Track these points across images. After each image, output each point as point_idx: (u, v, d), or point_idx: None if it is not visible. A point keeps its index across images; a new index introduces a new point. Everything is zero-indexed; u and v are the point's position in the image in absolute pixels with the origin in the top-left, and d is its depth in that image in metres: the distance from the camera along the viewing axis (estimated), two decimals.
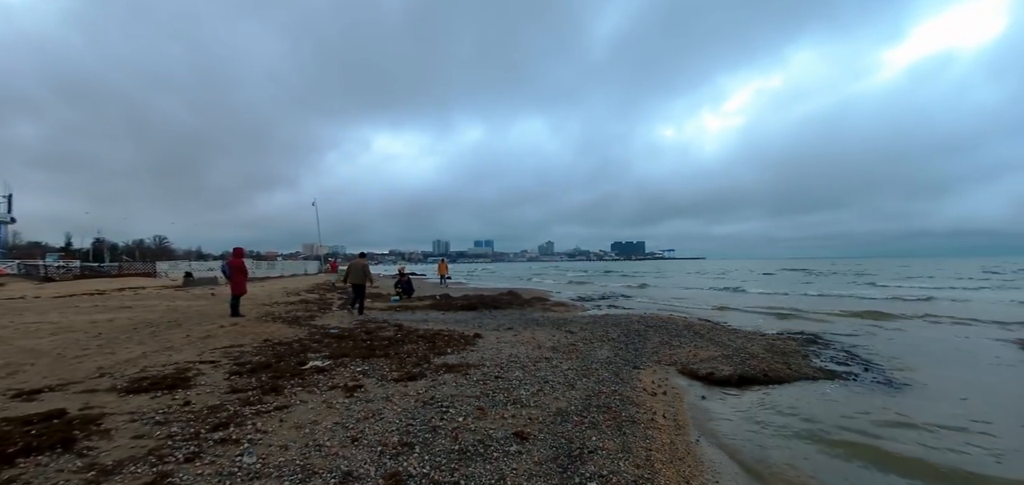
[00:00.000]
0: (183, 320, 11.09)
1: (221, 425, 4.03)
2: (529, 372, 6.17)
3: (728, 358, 7.40)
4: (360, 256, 14.46)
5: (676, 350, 8.08)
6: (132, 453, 3.45)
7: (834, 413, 5.34)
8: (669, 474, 3.53)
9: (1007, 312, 14.82)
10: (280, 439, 3.78)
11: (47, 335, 8.79)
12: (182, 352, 7.22)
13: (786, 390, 6.21)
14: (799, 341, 9.53)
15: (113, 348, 7.49)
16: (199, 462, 3.33)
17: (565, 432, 4.14)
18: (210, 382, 5.48)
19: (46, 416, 4.11)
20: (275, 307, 14.92)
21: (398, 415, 4.41)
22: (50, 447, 3.47)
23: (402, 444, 3.74)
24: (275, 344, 7.99)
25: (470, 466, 3.42)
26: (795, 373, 6.80)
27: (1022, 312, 14.81)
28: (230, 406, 4.56)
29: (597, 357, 7.26)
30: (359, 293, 13.04)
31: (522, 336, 9.15)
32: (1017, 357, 8.35)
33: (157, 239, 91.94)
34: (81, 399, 4.74)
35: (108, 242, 73.92)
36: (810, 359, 7.79)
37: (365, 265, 13.45)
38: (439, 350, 7.54)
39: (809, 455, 4.29)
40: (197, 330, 9.49)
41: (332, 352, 7.23)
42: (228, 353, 7.18)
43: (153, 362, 6.49)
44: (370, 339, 8.52)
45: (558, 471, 3.41)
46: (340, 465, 3.35)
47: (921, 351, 8.89)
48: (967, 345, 9.52)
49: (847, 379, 6.68)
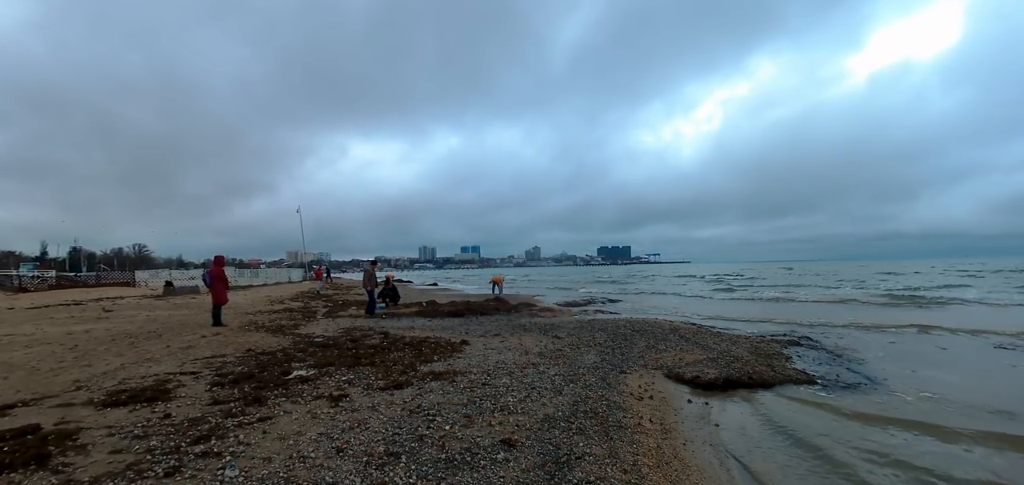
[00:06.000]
0: (163, 330, 10.87)
1: (202, 438, 3.95)
2: (516, 378, 6.17)
3: (713, 361, 7.48)
4: (372, 263, 16.36)
5: (662, 354, 8.14)
6: (110, 469, 3.36)
7: (816, 415, 5.42)
8: (656, 478, 3.54)
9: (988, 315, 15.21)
10: (263, 451, 3.72)
11: (21, 347, 8.53)
12: (162, 363, 7.07)
13: (770, 393, 6.29)
14: (782, 343, 9.67)
15: (90, 360, 7.30)
16: (180, 476, 3.26)
17: (553, 438, 4.13)
18: (191, 394, 5.36)
19: (19, 432, 3.98)
20: (258, 316, 14.71)
21: (384, 424, 4.36)
22: (24, 464, 3.37)
23: (388, 454, 3.70)
24: (258, 354, 7.86)
25: (457, 475, 3.39)
26: (779, 376, 6.89)
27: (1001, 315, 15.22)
28: (212, 418, 4.47)
29: (584, 362, 7.28)
30: (372, 297, 14.98)
31: (509, 342, 9.14)
32: (994, 356, 8.59)
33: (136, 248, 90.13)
34: (56, 413, 4.61)
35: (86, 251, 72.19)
36: (793, 361, 7.91)
37: (371, 271, 15.54)
38: (426, 357, 7.50)
39: (792, 457, 4.35)
40: (177, 341, 9.30)
41: (317, 361, 7.14)
42: (210, 364, 7.05)
43: (132, 374, 6.34)
44: (355, 347, 8.44)
45: (546, 478, 3.40)
46: (325, 476, 3.31)
47: (906, 353, 9.09)
48: (952, 346, 9.75)
49: (830, 381, 6.79)
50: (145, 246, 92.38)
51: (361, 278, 17.14)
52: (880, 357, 8.50)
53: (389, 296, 18.53)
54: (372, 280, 15.29)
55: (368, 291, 15.09)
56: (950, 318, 14.02)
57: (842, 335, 11.04)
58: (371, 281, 15.24)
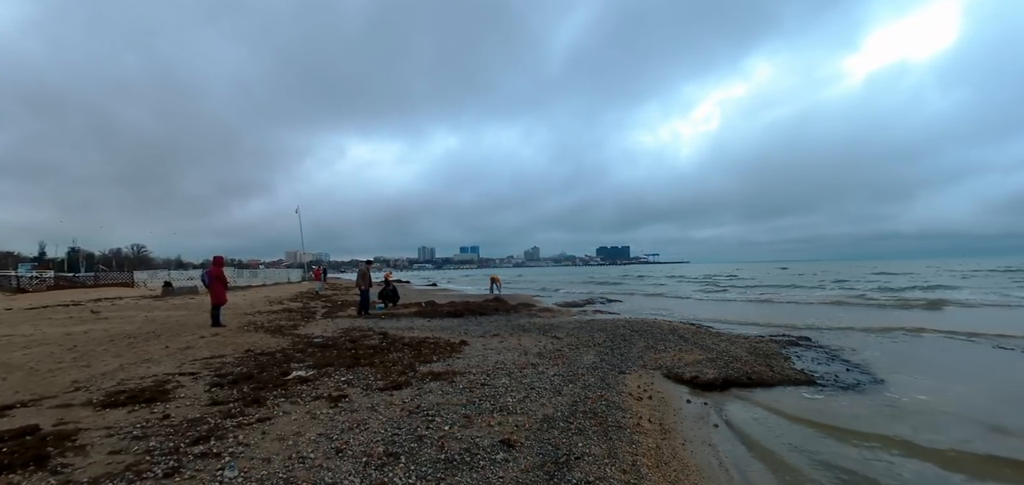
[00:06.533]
0: (162, 331, 10.85)
1: (201, 439, 3.94)
2: (516, 379, 6.17)
3: (712, 361, 7.49)
4: (367, 263, 16.47)
5: (661, 354, 8.14)
6: (109, 470, 3.36)
7: (814, 416, 5.43)
8: (656, 478, 3.55)
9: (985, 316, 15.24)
10: (263, 452, 3.72)
11: (19, 348, 8.51)
12: (161, 364, 7.06)
13: (769, 393, 6.31)
14: (781, 343, 9.68)
15: (89, 361, 7.29)
16: (179, 477, 3.26)
17: (552, 438, 4.14)
18: (190, 394, 5.36)
19: (18, 433, 3.97)
20: (257, 316, 14.69)
21: (383, 425, 4.36)
22: (22, 465, 3.36)
23: (388, 454, 3.70)
24: (257, 354, 7.86)
25: (457, 475, 3.40)
26: (777, 376, 6.91)
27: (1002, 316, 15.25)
28: (211, 419, 4.47)
29: (583, 362, 7.29)
30: (365, 296, 15.07)
31: (508, 342, 9.14)
32: (993, 356, 8.61)
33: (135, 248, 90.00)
34: (55, 414, 4.61)
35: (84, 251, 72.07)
36: (792, 361, 7.92)
37: (365, 270, 15.58)
38: (425, 358, 7.50)
39: (790, 458, 4.35)
40: (176, 341, 9.29)
41: (316, 362, 7.14)
42: (209, 364, 7.04)
43: (131, 375, 6.33)
44: (355, 348, 8.43)
45: (545, 478, 3.41)
46: (324, 477, 3.31)
47: (904, 353, 9.11)
48: (949, 346, 9.77)
49: (828, 381, 6.80)
50: (144, 246, 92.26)
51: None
52: (878, 357, 8.51)
53: (388, 296, 18.52)
54: (366, 279, 15.33)
55: (361, 290, 15.11)
56: (949, 319, 14.04)
57: (839, 335, 11.06)
58: (365, 280, 15.29)
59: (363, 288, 15.16)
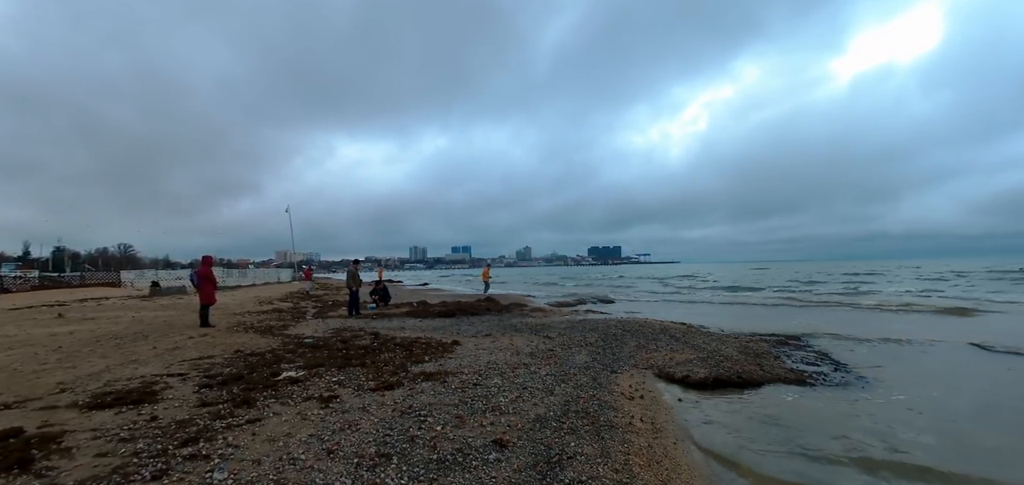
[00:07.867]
0: (149, 331, 10.72)
1: (190, 440, 3.89)
2: (508, 378, 6.16)
3: (703, 361, 7.54)
4: (355, 263, 16.48)
5: (653, 354, 8.18)
6: (95, 472, 3.31)
7: (804, 414, 5.49)
8: (647, 477, 3.56)
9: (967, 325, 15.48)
10: (253, 453, 3.68)
11: (2, 349, 8.37)
12: (148, 365, 6.97)
13: (759, 392, 6.36)
14: (771, 343, 9.78)
15: (74, 362, 7.18)
16: (167, 480, 3.21)
17: (544, 438, 4.14)
18: (178, 396, 5.29)
19: (1, 435, 3.90)
20: (247, 317, 14.56)
21: (375, 425, 4.34)
22: (6, 468, 3.30)
23: (379, 455, 3.68)
24: (247, 355, 7.78)
25: (449, 476, 3.38)
26: (768, 375, 6.97)
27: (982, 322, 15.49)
28: (200, 420, 4.42)
29: (575, 362, 7.30)
30: (354, 296, 15.02)
31: (500, 342, 9.13)
32: (974, 356, 8.75)
33: (122, 248, 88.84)
34: (40, 416, 4.53)
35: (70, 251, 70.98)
36: (782, 360, 8.00)
37: (354, 270, 15.67)
38: (417, 358, 7.47)
39: (781, 456, 4.39)
40: (164, 342, 9.18)
41: (307, 362, 7.08)
42: (197, 365, 6.96)
43: (117, 376, 6.24)
44: (346, 348, 8.38)
45: (538, 478, 3.40)
46: (315, 478, 3.28)
47: (890, 353, 9.23)
48: (933, 346, 9.92)
49: (817, 380, 6.88)
50: (131, 246, 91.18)
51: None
52: (866, 356, 8.62)
53: (380, 296, 18.43)
54: (355, 279, 15.39)
55: (351, 291, 15.13)
56: (946, 319, 14.26)
57: (829, 337, 11.19)
58: (354, 280, 15.35)
59: (353, 289, 15.11)
